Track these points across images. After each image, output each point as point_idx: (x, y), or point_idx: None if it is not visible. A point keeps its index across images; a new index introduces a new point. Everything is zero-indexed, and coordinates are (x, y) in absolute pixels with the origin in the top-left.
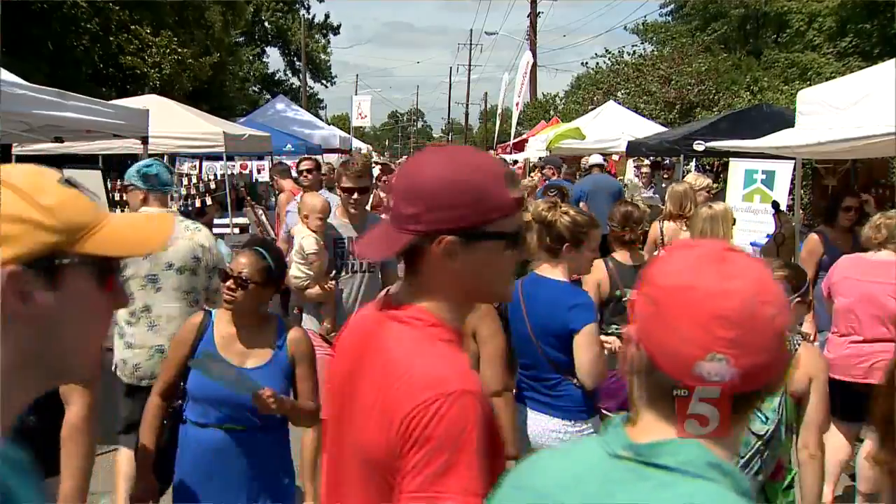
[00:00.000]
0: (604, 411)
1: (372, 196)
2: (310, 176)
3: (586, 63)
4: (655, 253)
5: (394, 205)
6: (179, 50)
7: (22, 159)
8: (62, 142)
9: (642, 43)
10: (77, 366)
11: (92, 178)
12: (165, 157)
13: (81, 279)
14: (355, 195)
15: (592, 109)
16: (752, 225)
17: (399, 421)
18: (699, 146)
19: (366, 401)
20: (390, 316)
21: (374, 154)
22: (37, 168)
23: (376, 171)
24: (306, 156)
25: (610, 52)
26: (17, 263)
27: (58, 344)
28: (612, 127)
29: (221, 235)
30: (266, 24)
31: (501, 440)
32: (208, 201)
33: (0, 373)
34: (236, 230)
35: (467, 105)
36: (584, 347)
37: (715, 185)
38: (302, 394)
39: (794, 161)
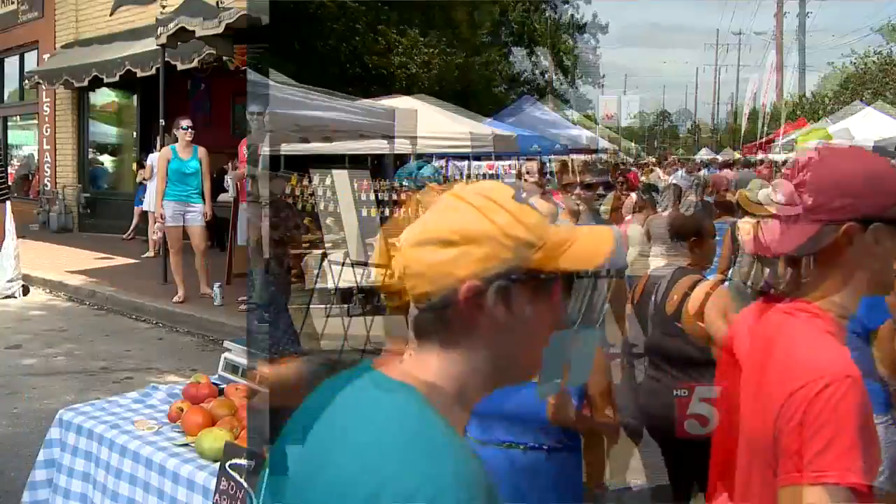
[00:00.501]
0: None
1: (612, 197)
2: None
3: (832, 62)
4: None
5: (803, 198)
6: (448, 50)
7: (289, 159)
8: (330, 141)
9: (888, 44)
10: (525, 371)
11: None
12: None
13: (541, 292)
14: (577, 190)
15: (839, 110)
16: None
17: (779, 404)
18: None
19: (749, 388)
20: (775, 308)
21: (629, 154)
22: (501, 184)
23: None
24: (533, 158)
25: (855, 53)
26: (505, 278)
27: (513, 351)
28: (861, 128)
29: None
30: (536, 24)
31: (875, 431)
32: None
33: (470, 373)
34: None
35: (715, 104)
36: None
37: None
38: (595, 407)
39: None
